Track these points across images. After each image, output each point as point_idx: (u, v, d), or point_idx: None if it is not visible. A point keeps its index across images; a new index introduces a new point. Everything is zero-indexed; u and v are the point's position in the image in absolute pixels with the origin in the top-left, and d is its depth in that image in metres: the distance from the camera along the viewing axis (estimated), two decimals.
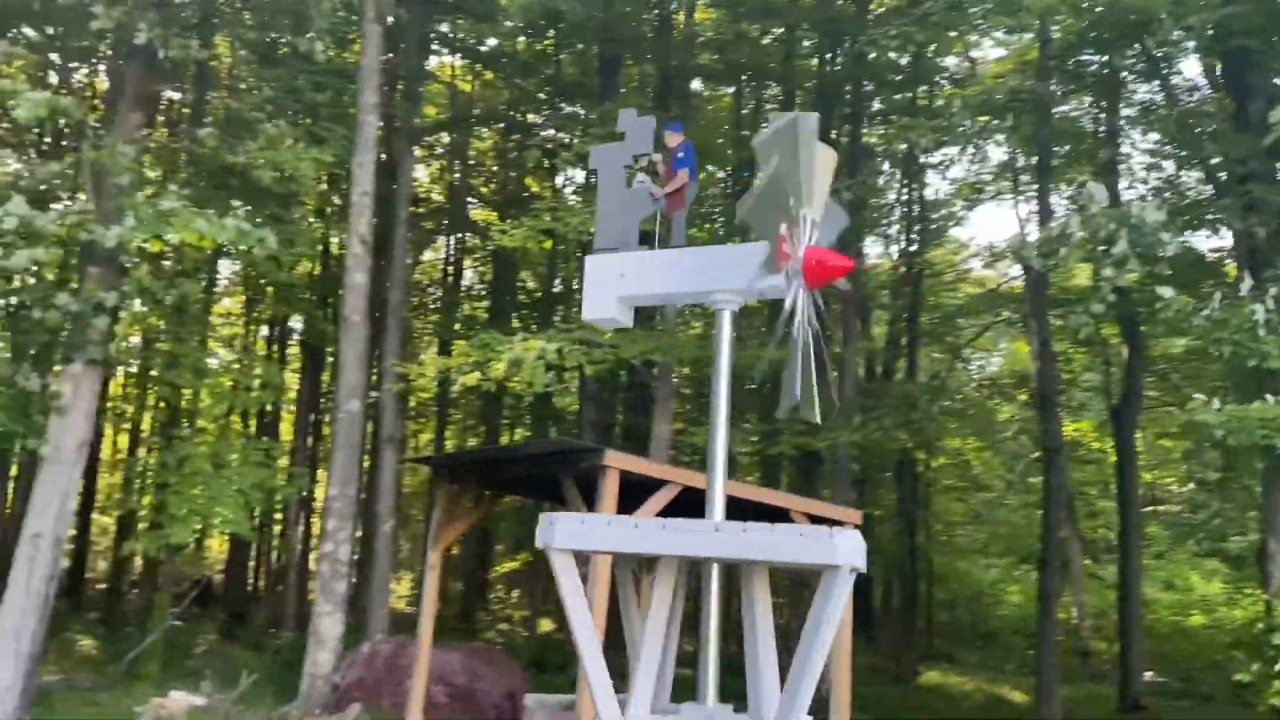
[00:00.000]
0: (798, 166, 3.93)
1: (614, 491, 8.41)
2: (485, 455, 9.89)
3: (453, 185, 28.79)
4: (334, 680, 14.42)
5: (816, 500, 11.44)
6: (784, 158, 3.95)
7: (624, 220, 4.46)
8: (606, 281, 4.39)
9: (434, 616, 10.65)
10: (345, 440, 14.53)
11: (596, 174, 4.64)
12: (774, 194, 4.01)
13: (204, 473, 14.12)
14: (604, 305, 4.34)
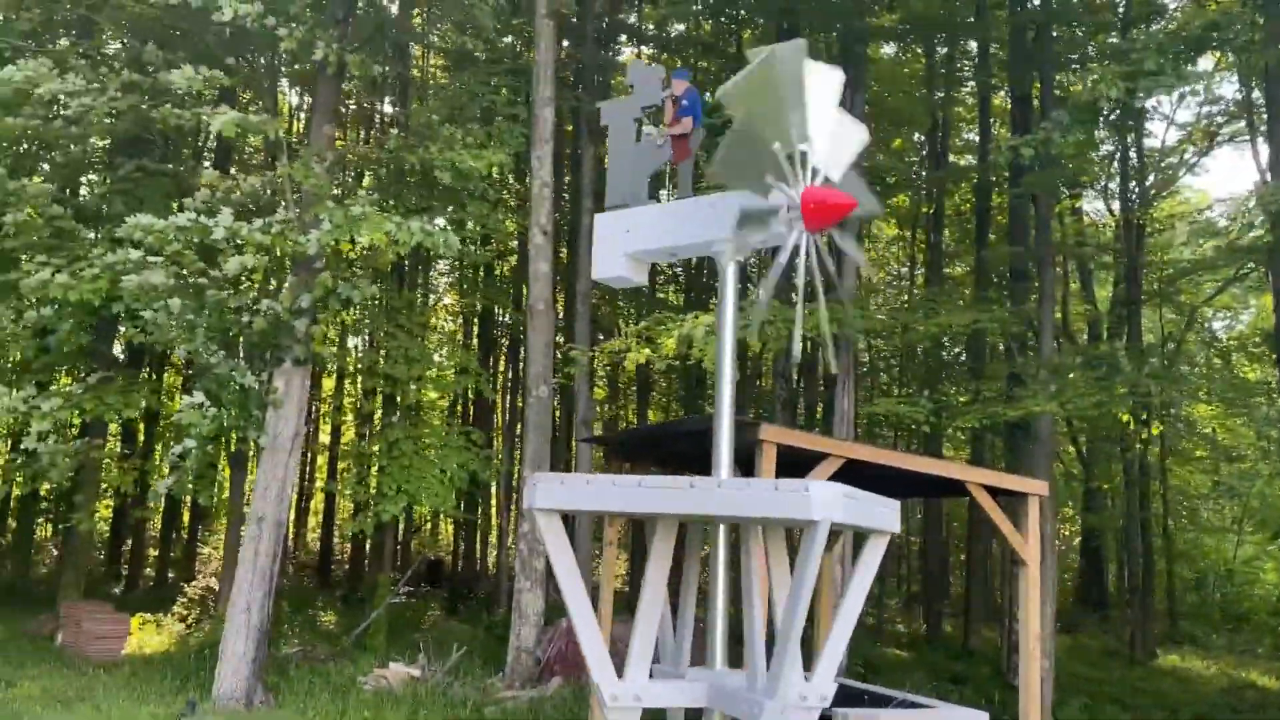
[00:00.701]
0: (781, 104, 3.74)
1: (771, 465, 8.32)
2: (650, 433, 10.03)
3: None
4: (536, 654, 15.06)
5: (996, 471, 10.85)
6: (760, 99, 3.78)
7: (633, 176, 4.40)
8: (614, 239, 4.34)
9: (612, 591, 10.92)
10: (536, 423, 15.08)
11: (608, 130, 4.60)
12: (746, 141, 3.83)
13: (411, 455, 15.05)
14: (612, 263, 4.29)
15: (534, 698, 13.80)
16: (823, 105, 4.10)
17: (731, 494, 3.80)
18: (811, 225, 3.96)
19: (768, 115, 3.83)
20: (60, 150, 15.42)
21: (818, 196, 3.90)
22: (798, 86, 3.85)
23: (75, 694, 12.42)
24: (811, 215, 3.90)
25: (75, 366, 15.02)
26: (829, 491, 3.60)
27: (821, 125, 4.05)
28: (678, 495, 3.98)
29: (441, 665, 15.00)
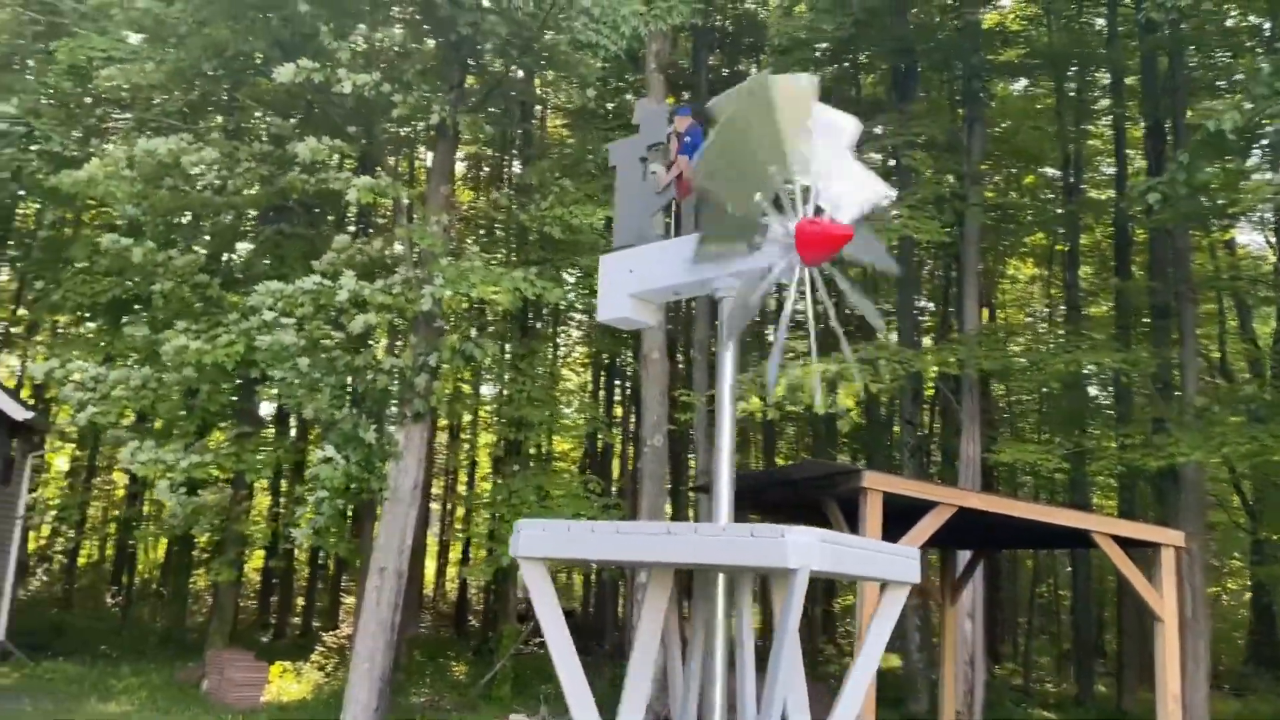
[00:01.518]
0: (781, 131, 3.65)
1: (876, 513, 8.04)
2: (753, 481, 9.86)
3: None
4: (655, 709, 14.88)
5: (1127, 520, 10.17)
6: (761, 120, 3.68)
7: (640, 215, 4.33)
8: (618, 280, 4.28)
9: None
10: (650, 473, 15.06)
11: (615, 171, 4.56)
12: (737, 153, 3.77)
13: (534, 504, 15.23)
14: (617, 305, 4.23)
15: None
16: (834, 148, 4.06)
17: (706, 541, 3.68)
18: (806, 255, 3.85)
19: (766, 138, 3.77)
20: (209, 220, 16.49)
21: (813, 226, 3.82)
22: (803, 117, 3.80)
23: None
24: (806, 244, 3.80)
25: (221, 424, 15.85)
26: (806, 538, 3.44)
27: (830, 166, 4.00)
28: (654, 542, 3.92)
29: (563, 716, 14.99)
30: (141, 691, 16.71)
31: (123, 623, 28.21)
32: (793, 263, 3.87)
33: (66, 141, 15.01)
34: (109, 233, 14.34)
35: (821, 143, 3.96)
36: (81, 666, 18.88)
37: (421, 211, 12.78)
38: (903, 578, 4.12)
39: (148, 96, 14.23)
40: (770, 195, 3.89)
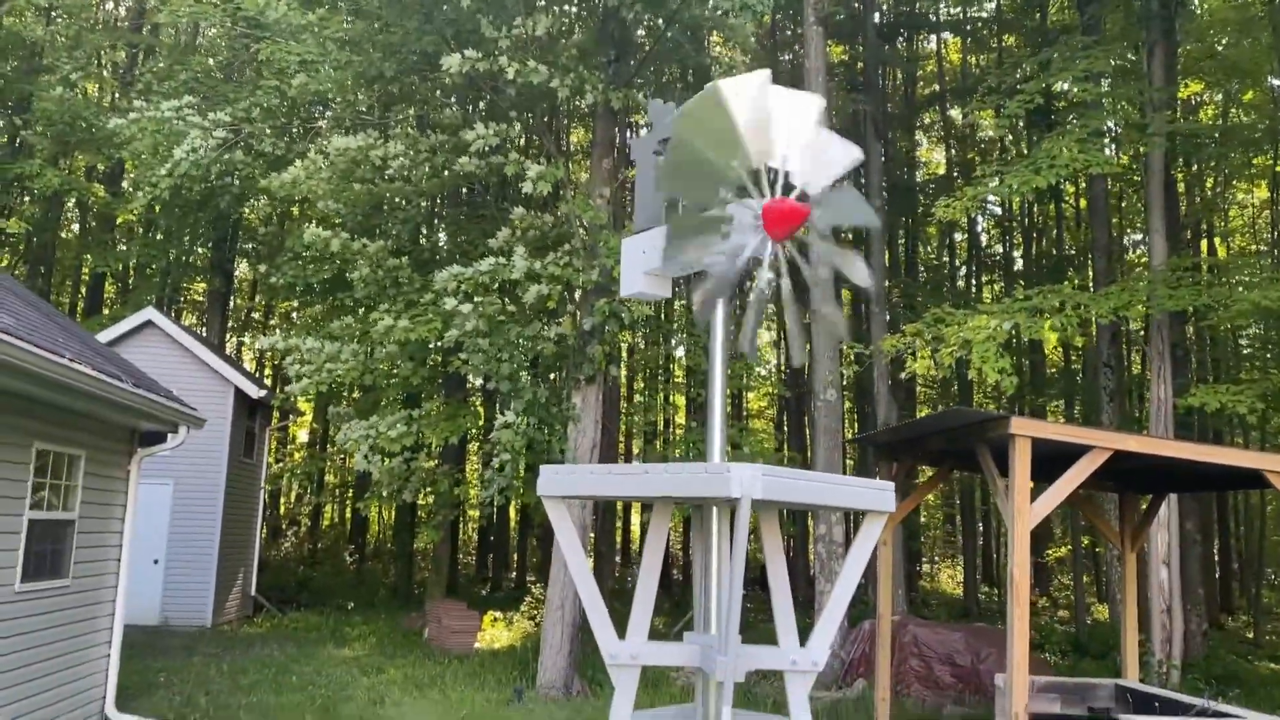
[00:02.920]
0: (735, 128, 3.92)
1: (1025, 459, 8.00)
2: (906, 431, 9.89)
3: (950, 160, 28.24)
4: (841, 655, 15.14)
5: None
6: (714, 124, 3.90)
7: (653, 202, 4.65)
8: (635, 259, 4.66)
9: (890, 594, 10.84)
10: (825, 426, 15.22)
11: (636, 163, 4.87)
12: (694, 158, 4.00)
13: (690, 458, 15.73)
14: (633, 281, 4.64)
15: (837, 699, 13.91)
16: (798, 127, 4.32)
17: (670, 477, 4.11)
18: (774, 233, 4.15)
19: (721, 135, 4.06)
20: (400, 209, 17.83)
21: (777, 205, 4.15)
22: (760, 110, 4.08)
23: (429, 680, 14.25)
24: (772, 223, 4.14)
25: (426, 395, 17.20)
26: (747, 471, 3.89)
27: (796, 146, 4.27)
28: (633, 480, 4.51)
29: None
30: (371, 638, 18.53)
31: (358, 578, 31.00)
32: (764, 241, 4.20)
33: (276, 144, 16.57)
34: (314, 225, 15.87)
35: (784, 125, 4.22)
36: (321, 617, 21.07)
37: (586, 186, 13.42)
38: (875, 507, 4.44)
39: (338, 99, 15.56)
40: (734, 185, 4.22)
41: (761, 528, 4.53)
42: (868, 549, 4.55)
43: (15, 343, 7.27)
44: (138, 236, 26.62)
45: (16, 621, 8.52)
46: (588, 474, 4.56)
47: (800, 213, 4.14)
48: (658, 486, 4.25)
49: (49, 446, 9.05)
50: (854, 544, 4.58)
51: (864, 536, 4.54)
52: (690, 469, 4.11)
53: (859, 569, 4.52)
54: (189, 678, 13.62)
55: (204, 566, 19.06)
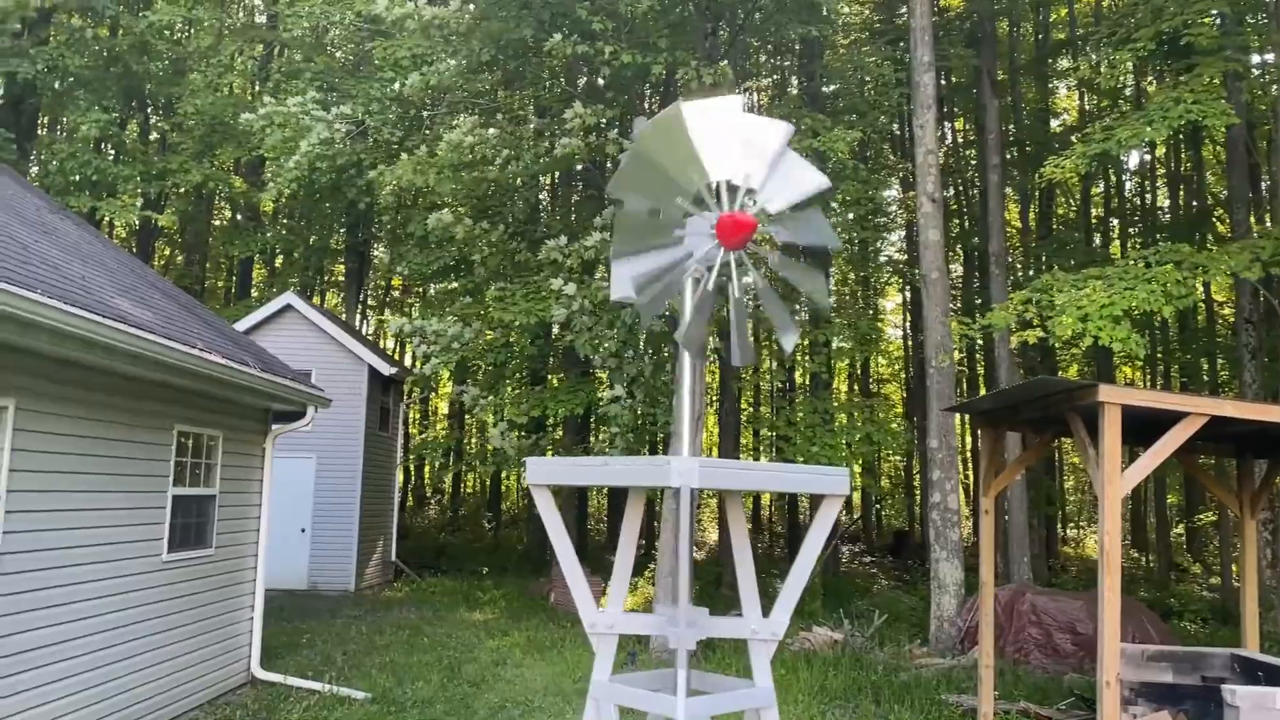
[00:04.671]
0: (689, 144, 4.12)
1: (1115, 426, 7.84)
2: (999, 399, 9.73)
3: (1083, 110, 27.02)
4: (958, 623, 15.04)
5: None
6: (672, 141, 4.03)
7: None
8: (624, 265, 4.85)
9: (992, 562, 10.73)
10: (939, 392, 15.04)
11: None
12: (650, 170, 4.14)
13: (817, 428, 15.80)
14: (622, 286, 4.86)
15: (952, 666, 13.86)
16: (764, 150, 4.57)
17: (624, 468, 4.34)
18: (725, 241, 4.33)
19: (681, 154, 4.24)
20: (516, 190, 18.41)
21: (729, 216, 4.37)
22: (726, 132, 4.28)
23: (551, 644, 14.90)
24: (723, 233, 4.33)
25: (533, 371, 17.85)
26: (687, 464, 4.17)
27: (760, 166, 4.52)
28: (597, 471, 5.02)
29: (864, 631, 15.57)
30: (501, 602, 19.40)
31: (494, 544, 32.26)
32: (714, 249, 4.39)
33: (394, 134, 17.35)
34: (434, 211, 16.58)
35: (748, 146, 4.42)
36: (456, 582, 22.14)
37: None
38: (829, 491, 4.57)
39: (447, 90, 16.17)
40: (690, 196, 4.44)
41: (726, 510, 4.79)
42: (825, 528, 4.80)
43: (150, 337, 8.02)
44: (277, 224, 28.21)
45: (166, 588, 9.42)
46: (564, 465, 4.89)
47: (749, 224, 4.39)
48: (616, 476, 4.66)
49: (189, 429, 9.92)
50: (811, 525, 4.80)
51: (820, 519, 4.78)
52: (639, 462, 4.42)
53: (818, 545, 4.73)
54: (330, 638, 14.65)
55: (346, 535, 20.28)
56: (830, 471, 4.71)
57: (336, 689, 11.14)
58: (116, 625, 8.51)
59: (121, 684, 8.57)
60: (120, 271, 10.68)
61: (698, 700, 4.47)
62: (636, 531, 4.86)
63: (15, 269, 6.76)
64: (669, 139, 4.36)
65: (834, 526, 17.96)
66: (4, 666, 6.94)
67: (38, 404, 7.33)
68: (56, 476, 7.61)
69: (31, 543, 7.29)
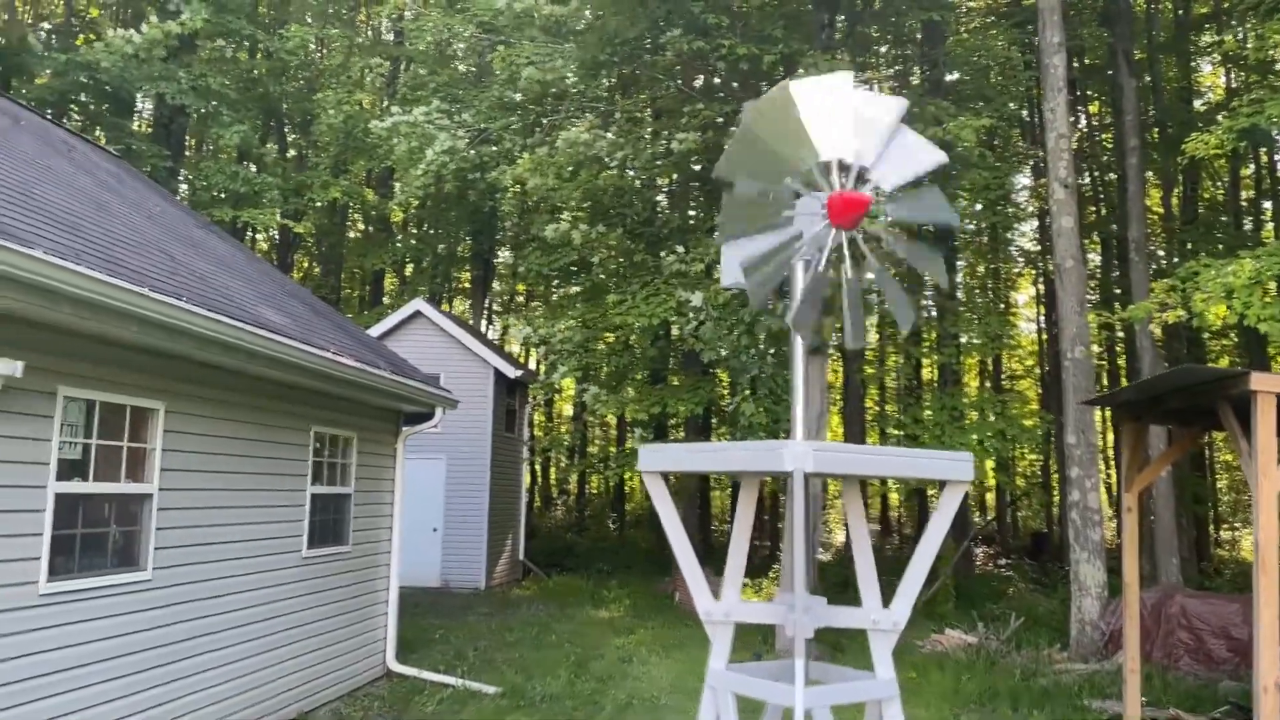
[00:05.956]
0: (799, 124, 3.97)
1: (1269, 415, 7.36)
2: (1141, 390, 9.21)
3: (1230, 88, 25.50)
4: (1100, 627, 14.38)
5: None
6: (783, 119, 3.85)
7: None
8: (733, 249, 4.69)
9: (1136, 562, 10.21)
10: (1075, 385, 14.43)
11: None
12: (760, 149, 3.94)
13: (945, 425, 15.35)
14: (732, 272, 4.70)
15: (1094, 671, 13.26)
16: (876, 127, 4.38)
17: (739, 453, 4.26)
18: (836, 220, 4.21)
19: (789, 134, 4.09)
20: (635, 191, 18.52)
21: (840, 195, 4.21)
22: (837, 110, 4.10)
23: (676, 642, 14.92)
24: (835, 211, 4.20)
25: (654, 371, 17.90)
26: (800, 448, 4.05)
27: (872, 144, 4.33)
28: (713, 456, 4.91)
29: (999, 634, 15.04)
30: (627, 600, 19.52)
31: (619, 544, 32.51)
32: (825, 230, 4.24)
33: (515, 141, 17.68)
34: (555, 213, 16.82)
35: (860, 124, 4.24)
36: (582, 580, 22.38)
37: None
38: (951, 477, 4.37)
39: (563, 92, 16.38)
40: (800, 176, 4.32)
41: (844, 499, 4.65)
42: (947, 519, 4.56)
43: (287, 341, 8.38)
44: (407, 234, 29.10)
45: (305, 583, 9.82)
46: (678, 451, 4.84)
47: (862, 201, 4.25)
48: (730, 461, 4.56)
49: (325, 429, 10.32)
50: (933, 515, 4.61)
51: (943, 507, 4.58)
52: (754, 446, 4.31)
53: (938, 538, 4.54)
54: (462, 634, 15.01)
55: (475, 534, 20.76)
56: (953, 456, 4.55)
57: (468, 683, 11.39)
58: (261, 618, 8.90)
59: (265, 675, 8.96)
60: (260, 281, 11.19)
61: (816, 690, 4.38)
62: (750, 521, 4.80)
63: (164, 279, 7.15)
64: (778, 118, 4.28)
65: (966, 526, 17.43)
66: (157, 658, 7.34)
67: (186, 406, 7.74)
68: (204, 475, 8.02)
69: (183, 539, 7.70)
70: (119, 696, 6.86)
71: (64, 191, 7.99)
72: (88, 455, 6.68)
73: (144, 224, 9.27)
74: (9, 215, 5.69)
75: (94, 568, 6.72)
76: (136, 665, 7.07)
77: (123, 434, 7.04)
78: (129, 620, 7.00)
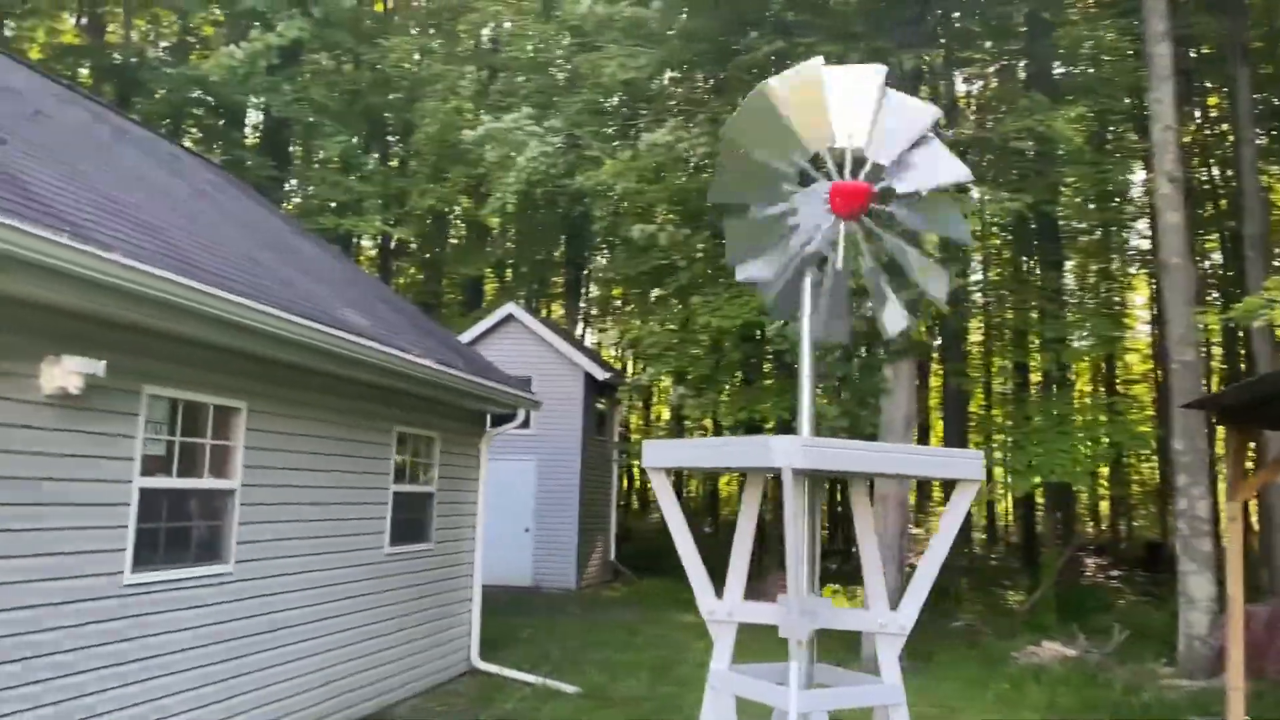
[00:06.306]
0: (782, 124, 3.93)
1: None
2: (1247, 391, 8.68)
3: None
4: (1210, 642, 13.66)
5: None
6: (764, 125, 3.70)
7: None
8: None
9: (1241, 574, 9.64)
10: (1181, 388, 13.75)
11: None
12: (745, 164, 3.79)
13: (1046, 429, 14.82)
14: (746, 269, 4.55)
15: (1201, 688, 12.59)
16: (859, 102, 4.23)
17: (734, 449, 4.07)
18: (840, 212, 4.05)
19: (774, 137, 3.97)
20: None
21: (841, 185, 4.14)
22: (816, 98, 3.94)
23: (762, 649, 14.72)
24: (837, 203, 4.08)
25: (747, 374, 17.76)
26: (788, 443, 3.95)
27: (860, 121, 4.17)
28: (713, 453, 4.84)
29: (1101, 647, 14.44)
30: None
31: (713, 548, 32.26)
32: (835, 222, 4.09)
33: (604, 146, 17.78)
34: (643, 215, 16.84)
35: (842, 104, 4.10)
36: (674, 583, 22.32)
37: None
38: (961, 475, 4.15)
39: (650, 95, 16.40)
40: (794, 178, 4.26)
41: (851, 498, 4.52)
42: (957, 519, 4.41)
43: (364, 342, 8.58)
44: (505, 240, 29.58)
45: (387, 579, 10.04)
46: (681, 446, 4.78)
47: (864, 190, 4.14)
48: (729, 457, 4.51)
49: (407, 430, 10.54)
50: (943, 515, 4.43)
51: (953, 507, 4.41)
52: (748, 442, 4.23)
53: (950, 535, 4.38)
54: (548, 634, 15.14)
55: (566, 535, 20.94)
56: (963, 454, 4.40)
57: (549, 682, 11.48)
58: (342, 613, 9.13)
59: (346, 668, 9.19)
60: (348, 285, 11.51)
61: (814, 693, 4.27)
62: (754, 519, 4.73)
63: (243, 281, 7.40)
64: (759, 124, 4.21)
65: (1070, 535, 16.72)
66: (239, 648, 7.60)
67: (268, 405, 7.99)
68: (286, 472, 8.27)
69: (265, 534, 7.95)
70: (200, 685, 7.12)
71: (155, 199, 8.35)
72: (171, 452, 6.96)
73: (232, 229, 9.63)
74: (94, 221, 5.98)
75: (178, 560, 6.99)
76: (218, 655, 7.33)
77: (206, 431, 7.31)
78: (211, 611, 7.27)
